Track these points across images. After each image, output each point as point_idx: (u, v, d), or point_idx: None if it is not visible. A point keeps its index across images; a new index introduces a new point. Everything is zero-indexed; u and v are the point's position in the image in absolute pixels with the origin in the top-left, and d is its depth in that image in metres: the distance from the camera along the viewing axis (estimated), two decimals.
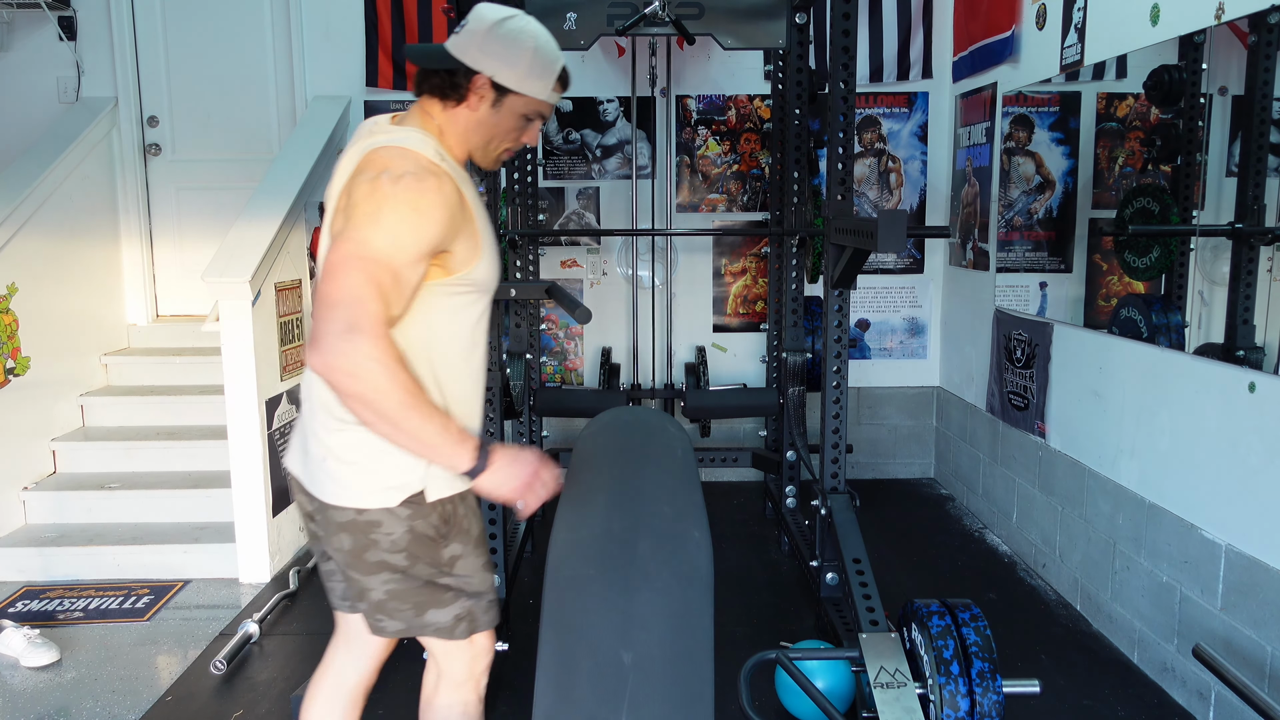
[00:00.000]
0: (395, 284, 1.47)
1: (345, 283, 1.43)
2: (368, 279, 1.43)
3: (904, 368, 4.93)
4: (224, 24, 4.81)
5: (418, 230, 1.49)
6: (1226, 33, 2.55)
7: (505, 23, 1.63)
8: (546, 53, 1.65)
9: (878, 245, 2.34)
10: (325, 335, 1.40)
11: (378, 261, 1.45)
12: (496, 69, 1.62)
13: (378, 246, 1.45)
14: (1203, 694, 2.62)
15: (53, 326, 4.08)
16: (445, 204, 1.52)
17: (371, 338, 1.41)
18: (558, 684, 1.55)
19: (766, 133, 4.71)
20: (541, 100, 1.67)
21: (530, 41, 1.63)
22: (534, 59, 1.63)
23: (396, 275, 1.47)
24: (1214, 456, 2.57)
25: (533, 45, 1.63)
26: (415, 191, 1.49)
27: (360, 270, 1.44)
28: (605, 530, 1.65)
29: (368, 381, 1.41)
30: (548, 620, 1.59)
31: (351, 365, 1.40)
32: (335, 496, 1.62)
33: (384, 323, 1.44)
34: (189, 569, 3.70)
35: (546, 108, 1.70)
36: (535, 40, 1.64)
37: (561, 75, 1.69)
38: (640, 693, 1.53)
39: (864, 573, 2.72)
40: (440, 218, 1.51)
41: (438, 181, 1.53)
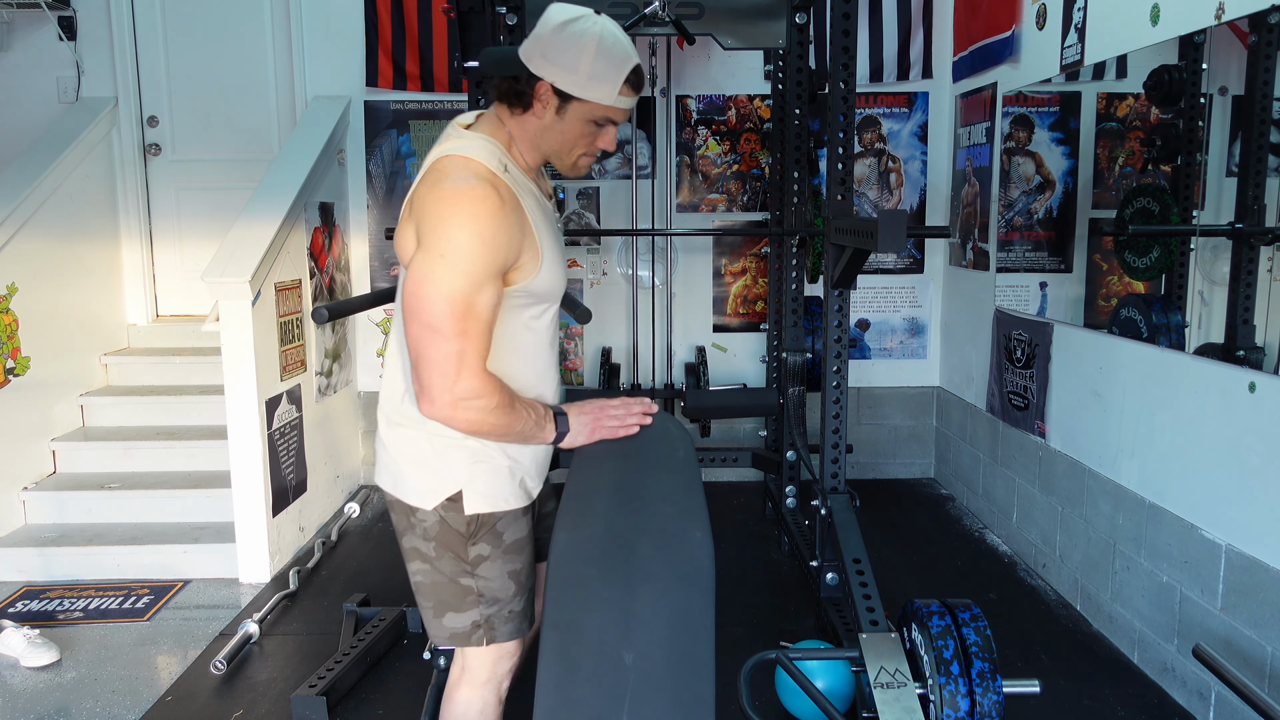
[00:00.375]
0: (478, 321, 1.52)
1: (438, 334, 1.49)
2: (457, 330, 1.49)
3: (904, 368, 4.94)
4: (224, 24, 4.81)
5: (484, 257, 1.51)
6: (1226, 33, 2.55)
7: (570, 25, 1.57)
8: (611, 55, 1.57)
9: (878, 245, 2.34)
10: (437, 394, 1.51)
11: (459, 312, 1.49)
12: (558, 74, 1.57)
13: (455, 289, 1.49)
14: (1203, 694, 2.62)
15: (53, 326, 4.08)
16: (503, 221, 1.53)
17: (477, 394, 1.53)
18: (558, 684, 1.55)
19: (766, 133, 4.71)
20: (607, 105, 1.60)
21: (592, 44, 1.55)
22: (595, 62, 1.56)
23: (478, 313, 1.52)
24: (1214, 456, 2.57)
25: (595, 48, 1.55)
26: (472, 216, 1.50)
27: (447, 323, 1.49)
28: (606, 530, 1.65)
29: (484, 427, 1.57)
30: (549, 620, 1.59)
31: (470, 422, 1.56)
32: (385, 484, 1.75)
33: (478, 371, 1.53)
34: (189, 569, 3.70)
35: (616, 113, 1.62)
36: (599, 43, 1.56)
37: (631, 78, 1.59)
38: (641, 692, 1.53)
39: (864, 573, 2.72)
40: (500, 239, 1.53)
41: (492, 196, 1.52)
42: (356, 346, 4.84)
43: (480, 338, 1.53)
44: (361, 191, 4.80)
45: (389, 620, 3.14)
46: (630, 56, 1.59)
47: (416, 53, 4.64)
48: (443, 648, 2.09)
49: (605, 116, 1.62)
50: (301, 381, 4.09)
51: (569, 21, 1.57)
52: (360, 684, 2.87)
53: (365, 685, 2.88)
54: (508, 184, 1.58)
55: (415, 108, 4.73)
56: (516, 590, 1.77)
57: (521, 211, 1.58)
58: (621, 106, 1.62)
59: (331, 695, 2.69)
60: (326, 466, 4.41)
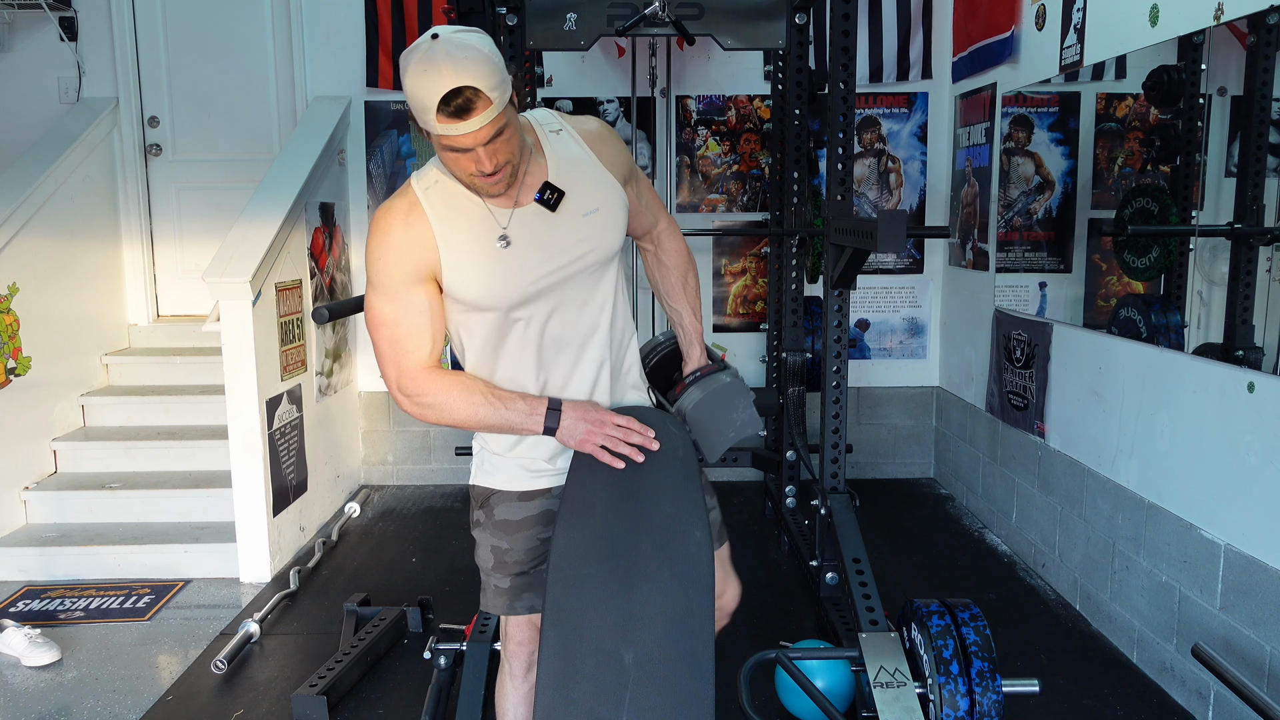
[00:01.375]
0: (397, 327, 1.66)
1: (376, 345, 1.69)
2: (382, 340, 1.68)
3: (904, 368, 4.94)
4: (225, 24, 4.81)
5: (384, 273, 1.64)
6: (1226, 33, 2.56)
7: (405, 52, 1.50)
8: (415, 88, 1.46)
9: (877, 245, 2.35)
10: (393, 392, 1.71)
11: (379, 322, 1.66)
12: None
13: (373, 304, 1.66)
14: (1202, 693, 2.62)
15: (54, 327, 4.09)
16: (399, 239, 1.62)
17: (410, 394, 1.68)
18: (559, 683, 1.55)
19: (766, 133, 4.71)
20: (438, 135, 1.49)
21: (406, 77, 1.47)
22: (410, 95, 1.48)
23: (396, 321, 1.66)
24: (1213, 456, 2.58)
25: (407, 82, 1.47)
26: (374, 240, 1.64)
27: (376, 333, 1.68)
28: (606, 529, 1.66)
29: (432, 416, 1.69)
30: (549, 619, 1.60)
31: (417, 413, 1.69)
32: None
33: (411, 373, 1.67)
34: (190, 569, 3.71)
35: (453, 139, 1.49)
36: (408, 75, 1.46)
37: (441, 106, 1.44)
38: (641, 692, 1.53)
39: (864, 572, 2.73)
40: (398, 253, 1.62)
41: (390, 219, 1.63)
42: (357, 347, 4.85)
43: (408, 341, 1.66)
44: (362, 192, 4.80)
45: (389, 620, 3.14)
46: (435, 81, 1.43)
47: None
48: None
49: (447, 145, 1.51)
50: (302, 381, 4.09)
51: (412, 46, 1.49)
52: (361, 683, 2.88)
53: (366, 685, 2.88)
54: (425, 200, 1.63)
55: None
56: (495, 564, 1.82)
57: (427, 228, 1.62)
58: (447, 134, 1.48)
59: (332, 695, 2.70)
60: (327, 466, 4.42)
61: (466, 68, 1.44)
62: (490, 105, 1.47)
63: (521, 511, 1.79)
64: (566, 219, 1.68)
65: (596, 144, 1.75)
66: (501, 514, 1.80)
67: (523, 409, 1.67)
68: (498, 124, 1.50)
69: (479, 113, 1.46)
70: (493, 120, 1.48)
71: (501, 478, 1.80)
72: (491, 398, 1.67)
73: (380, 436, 4.96)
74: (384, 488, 4.94)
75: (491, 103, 1.47)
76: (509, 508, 1.80)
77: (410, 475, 4.98)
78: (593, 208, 1.70)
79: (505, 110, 1.50)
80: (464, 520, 4.36)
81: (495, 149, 1.53)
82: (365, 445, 4.96)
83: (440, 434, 4.94)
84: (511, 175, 1.59)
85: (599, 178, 1.73)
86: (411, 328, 1.65)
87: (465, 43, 1.47)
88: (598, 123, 1.80)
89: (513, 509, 1.79)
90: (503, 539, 1.80)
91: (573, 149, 1.72)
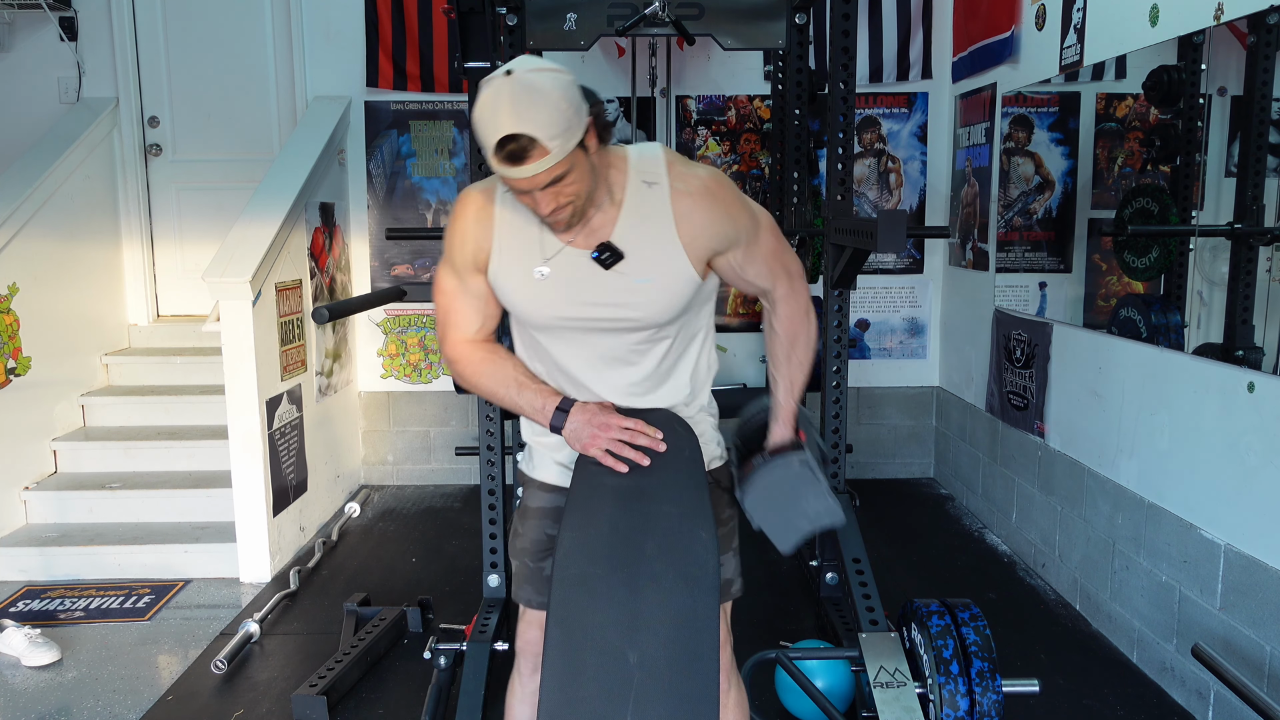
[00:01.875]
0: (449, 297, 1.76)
1: (435, 308, 1.80)
2: (440, 307, 1.79)
3: (904, 368, 4.94)
4: (225, 24, 4.81)
5: (451, 251, 1.73)
6: (1225, 33, 2.56)
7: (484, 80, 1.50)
8: (478, 125, 1.47)
9: (877, 245, 2.35)
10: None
11: (440, 290, 1.78)
12: None
13: (440, 273, 1.79)
14: (1202, 693, 2.62)
15: (54, 326, 4.08)
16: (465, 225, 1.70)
17: (450, 359, 1.79)
18: (563, 683, 1.55)
19: (766, 133, 4.71)
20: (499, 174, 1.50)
21: (474, 110, 1.48)
22: (475, 129, 1.48)
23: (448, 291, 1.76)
24: (1213, 456, 2.58)
25: (474, 114, 1.47)
26: (455, 213, 1.75)
27: (436, 298, 1.79)
28: (611, 529, 1.66)
29: (465, 382, 1.79)
30: (553, 619, 1.60)
31: (455, 375, 1.81)
32: None
33: (453, 342, 1.77)
34: (190, 569, 3.71)
35: (511, 181, 1.50)
36: (476, 108, 1.47)
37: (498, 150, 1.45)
38: (645, 692, 1.53)
39: (864, 572, 2.73)
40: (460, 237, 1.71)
41: (463, 207, 1.72)
42: (356, 346, 4.85)
43: (457, 315, 1.76)
44: (362, 192, 4.80)
45: (389, 620, 3.14)
46: (493, 126, 1.44)
47: (417, 53, 4.65)
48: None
49: (509, 185, 1.52)
50: (302, 381, 4.09)
51: (489, 78, 1.48)
52: (361, 683, 2.88)
53: (366, 685, 2.88)
54: (500, 199, 1.67)
55: (416, 108, 4.74)
56: (513, 537, 1.90)
57: (490, 227, 1.68)
58: (504, 175, 1.48)
59: (332, 695, 2.70)
60: (327, 466, 4.42)
61: (528, 115, 1.42)
62: (547, 155, 1.44)
63: (539, 500, 1.85)
64: (615, 278, 1.64)
65: (690, 210, 1.63)
66: (526, 499, 1.89)
67: (536, 402, 1.72)
68: (555, 171, 1.47)
69: (533, 161, 1.45)
70: (550, 168, 1.46)
71: (533, 465, 1.87)
72: (513, 383, 1.73)
73: (380, 436, 4.96)
74: (384, 488, 4.94)
75: (549, 152, 1.44)
76: (532, 494, 1.87)
77: (410, 475, 4.98)
78: (647, 277, 1.64)
79: (569, 156, 1.47)
80: (464, 520, 4.38)
81: (555, 192, 1.51)
82: (365, 445, 4.96)
83: (440, 434, 4.94)
84: (574, 215, 1.57)
85: (669, 250, 1.63)
86: (463, 305, 1.75)
87: (535, 85, 1.44)
88: (705, 180, 1.67)
89: (533, 496, 1.87)
90: (519, 522, 1.89)
91: (656, 209, 1.63)
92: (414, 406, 4.93)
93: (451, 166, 4.79)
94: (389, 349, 4.90)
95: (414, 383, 4.92)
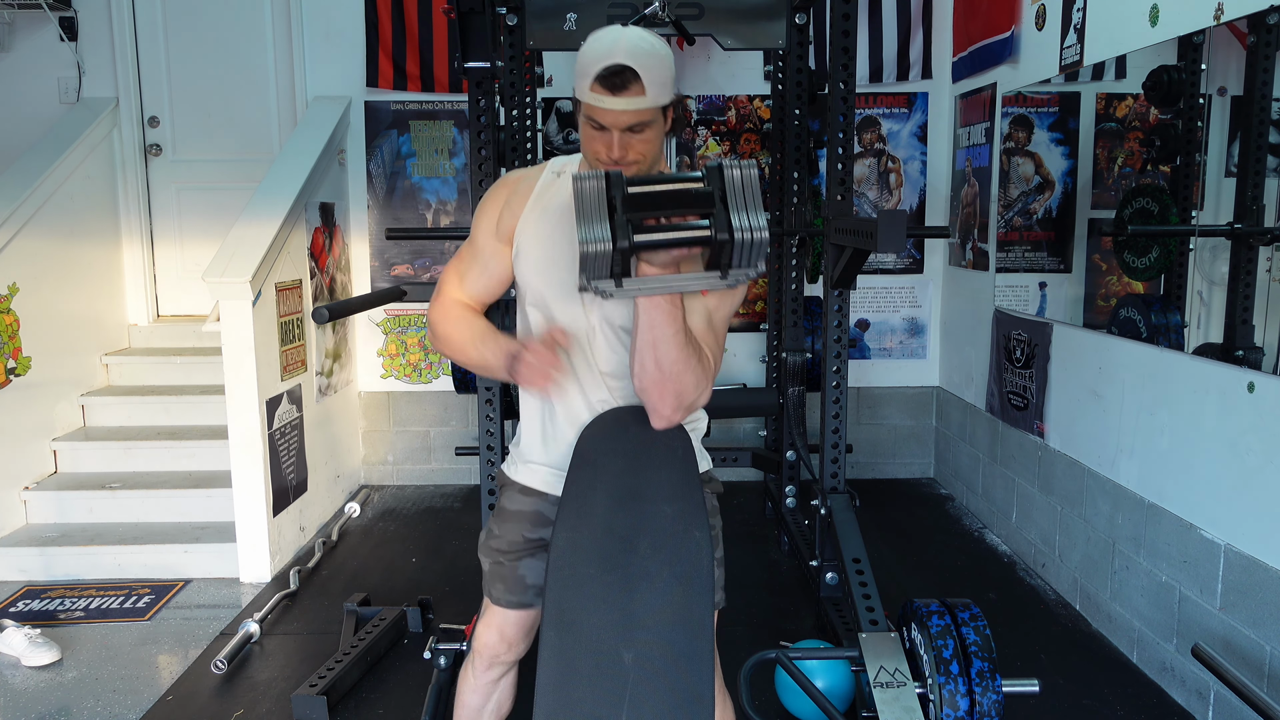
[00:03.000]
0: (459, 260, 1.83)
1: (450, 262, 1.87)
2: (453, 260, 1.86)
3: (904, 368, 4.94)
4: (225, 24, 4.81)
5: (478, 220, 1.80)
6: (1225, 33, 2.56)
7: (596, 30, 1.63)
8: (589, 49, 1.58)
9: (877, 245, 2.35)
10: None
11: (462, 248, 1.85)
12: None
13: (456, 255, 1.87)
14: (1202, 693, 2.62)
15: (54, 326, 4.08)
16: (495, 200, 1.78)
17: (432, 317, 1.83)
18: (558, 683, 1.55)
19: (766, 133, 4.71)
20: (584, 101, 1.58)
21: (583, 45, 1.60)
22: (579, 60, 1.58)
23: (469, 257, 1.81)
24: (1213, 456, 2.58)
25: (582, 48, 1.59)
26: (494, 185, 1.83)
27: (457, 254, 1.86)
28: (606, 529, 1.66)
29: (436, 343, 1.83)
30: (548, 619, 1.60)
31: (430, 335, 1.85)
32: None
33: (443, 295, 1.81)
34: (190, 569, 3.71)
35: (597, 111, 1.57)
36: (586, 44, 1.59)
37: (602, 74, 1.53)
38: (641, 692, 1.53)
39: (864, 572, 2.73)
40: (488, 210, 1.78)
41: (498, 186, 1.80)
42: (356, 346, 4.85)
43: (452, 272, 1.83)
44: (362, 192, 4.80)
45: (389, 620, 3.14)
46: (607, 53, 1.54)
47: (417, 53, 4.65)
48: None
49: (589, 116, 1.58)
50: (302, 381, 4.09)
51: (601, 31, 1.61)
52: (361, 683, 2.88)
53: (366, 685, 2.88)
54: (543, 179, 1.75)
55: (416, 108, 4.74)
56: (482, 543, 1.90)
57: (526, 198, 1.74)
58: (593, 104, 1.56)
59: (332, 695, 2.70)
60: (327, 466, 4.42)
61: (641, 54, 1.54)
62: (643, 95, 1.54)
63: (516, 503, 1.86)
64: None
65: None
66: (504, 501, 1.89)
67: (497, 352, 1.72)
68: (642, 116, 1.56)
69: (630, 94, 1.54)
70: (639, 110, 1.55)
71: (516, 468, 1.89)
72: (479, 337, 1.76)
73: (380, 436, 4.96)
74: (384, 488, 4.94)
75: (645, 93, 1.54)
76: (511, 497, 1.88)
77: (410, 475, 4.98)
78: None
79: (655, 110, 1.57)
80: (464, 520, 4.38)
81: (630, 140, 1.58)
82: (365, 445, 4.96)
83: (440, 434, 4.94)
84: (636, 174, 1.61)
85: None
86: (472, 266, 1.80)
87: (652, 39, 1.57)
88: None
89: (512, 499, 1.87)
90: (496, 524, 1.88)
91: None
92: (414, 406, 4.93)
93: (451, 166, 4.79)
94: (389, 349, 4.90)
95: (414, 383, 4.92)
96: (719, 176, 1.44)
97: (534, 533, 1.82)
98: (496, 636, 1.89)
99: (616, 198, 1.43)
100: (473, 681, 1.97)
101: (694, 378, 1.61)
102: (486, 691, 1.97)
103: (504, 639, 1.89)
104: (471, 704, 1.98)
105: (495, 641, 1.90)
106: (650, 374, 1.59)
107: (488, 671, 1.94)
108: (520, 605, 1.85)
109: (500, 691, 1.99)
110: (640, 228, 1.44)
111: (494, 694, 1.98)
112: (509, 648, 1.91)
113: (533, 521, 1.83)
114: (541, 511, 1.82)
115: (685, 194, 1.45)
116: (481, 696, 1.97)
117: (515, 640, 1.90)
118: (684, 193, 1.45)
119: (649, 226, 1.44)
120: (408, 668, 2.98)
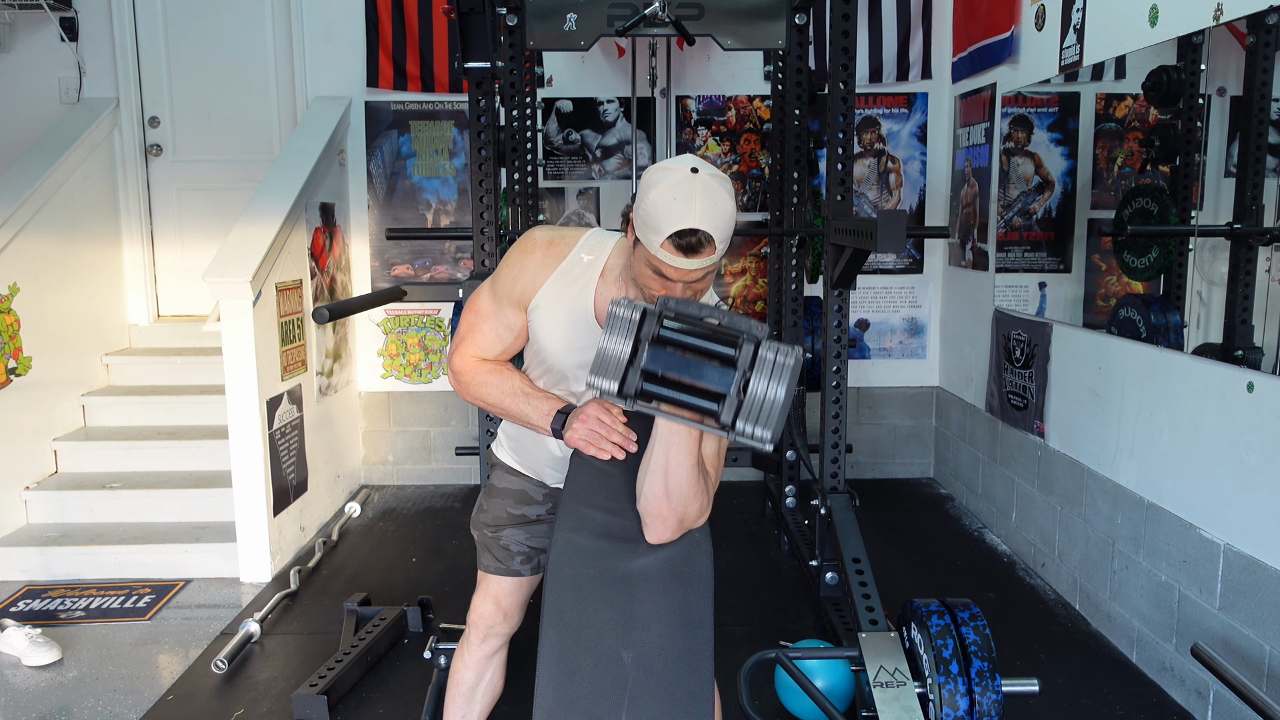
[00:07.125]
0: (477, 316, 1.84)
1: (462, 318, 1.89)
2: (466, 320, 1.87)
3: (903, 368, 4.94)
4: (225, 25, 4.82)
5: (499, 279, 1.81)
6: (1225, 34, 2.56)
7: (661, 167, 1.58)
8: (657, 208, 1.53)
9: (877, 245, 2.35)
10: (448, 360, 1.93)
11: (474, 306, 1.86)
12: (636, 209, 1.59)
13: (481, 290, 1.87)
14: (1201, 693, 2.62)
15: (54, 327, 4.09)
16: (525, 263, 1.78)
17: (455, 370, 1.86)
18: (558, 683, 1.56)
19: (766, 133, 4.72)
20: (653, 254, 1.55)
21: (651, 191, 1.54)
22: (648, 210, 1.54)
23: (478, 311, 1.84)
24: (1212, 456, 2.58)
25: (654, 196, 1.53)
26: (519, 246, 1.82)
27: (467, 311, 1.87)
28: (605, 529, 1.66)
29: (465, 394, 1.86)
30: (548, 619, 1.60)
31: (455, 386, 1.87)
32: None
33: (463, 355, 1.84)
34: (190, 568, 3.71)
35: (665, 267, 1.56)
36: (656, 191, 1.54)
37: (675, 238, 1.52)
38: (640, 692, 1.54)
39: (864, 572, 2.73)
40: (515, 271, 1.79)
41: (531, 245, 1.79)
42: (357, 346, 4.85)
43: (479, 335, 1.84)
44: (362, 192, 4.81)
45: (389, 620, 3.14)
46: (682, 216, 1.51)
47: (417, 53, 4.65)
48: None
49: (655, 266, 1.57)
50: (302, 381, 4.09)
51: (667, 166, 1.58)
52: (361, 683, 2.88)
53: (366, 684, 2.88)
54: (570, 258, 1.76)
55: (416, 108, 4.74)
56: (473, 516, 2.03)
57: (549, 274, 1.76)
58: (665, 260, 1.55)
59: (332, 694, 2.70)
60: (327, 466, 4.42)
61: (715, 217, 1.54)
62: (713, 255, 1.56)
63: (505, 481, 2.01)
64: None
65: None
66: (494, 479, 2.04)
67: (543, 409, 1.77)
68: (709, 270, 1.60)
69: (703, 257, 1.56)
70: (707, 268, 1.58)
71: (503, 449, 2.03)
72: (519, 393, 1.79)
73: (380, 436, 4.96)
74: (384, 488, 4.94)
75: (715, 253, 1.57)
76: (499, 475, 2.03)
77: (410, 475, 4.98)
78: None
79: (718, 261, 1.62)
80: (464, 520, 4.38)
81: (694, 288, 1.62)
82: (365, 445, 4.96)
83: (440, 434, 4.94)
84: None
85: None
86: (489, 329, 1.84)
87: (720, 192, 1.56)
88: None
89: (500, 477, 2.03)
90: (485, 499, 2.03)
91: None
92: (414, 406, 4.93)
93: (451, 166, 4.79)
94: (389, 349, 4.90)
95: (414, 383, 4.92)
96: (752, 355, 1.47)
97: (517, 509, 1.98)
98: (493, 606, 2.00)
99: (645, 341, 1.50)
100: (467, 657, 2.06)
101: (698, 506, 1.67)
102: (480, 668, 2.06)
103: (500, 608, 2.00)
104: (466, 680, 2.07)
105: (491, 611, 2.01)
106: (658, 499, 1.64)
107: (483, 645, 2.04)
108: (508, 572, 1.98)
109: (492, 670, 2.09)
110: (652, 378, 1.50)
111: (487, 671, 2.07)
112: (504, 618, 2.02)
113: (517, 499, 1.99)
114: (526, 490, 1.99)
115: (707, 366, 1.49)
116: (475, 673, 2.06)
117: (510, 610, 2.02)
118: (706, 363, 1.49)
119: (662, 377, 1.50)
120: (408, 667, 2.98)
